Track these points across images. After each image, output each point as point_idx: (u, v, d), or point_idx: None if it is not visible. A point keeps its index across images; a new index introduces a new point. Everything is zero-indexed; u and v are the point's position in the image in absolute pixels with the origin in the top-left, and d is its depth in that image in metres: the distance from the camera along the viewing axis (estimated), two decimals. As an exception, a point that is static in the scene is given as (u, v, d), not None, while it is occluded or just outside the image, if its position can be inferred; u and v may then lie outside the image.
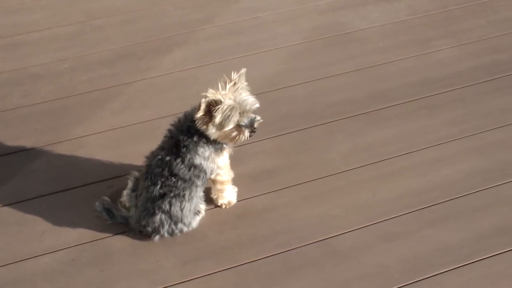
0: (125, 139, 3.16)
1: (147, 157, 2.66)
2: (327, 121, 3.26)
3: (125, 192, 2.72)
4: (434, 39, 3.79)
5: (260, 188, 2.91)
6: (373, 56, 3.67)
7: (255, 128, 2.52)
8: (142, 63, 3.65)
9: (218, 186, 2.76)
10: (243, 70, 2.50)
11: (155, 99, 3.41)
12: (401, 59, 3.65)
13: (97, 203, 2.73)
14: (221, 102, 2.41)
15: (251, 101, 2.48)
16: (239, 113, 2.46)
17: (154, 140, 2.88)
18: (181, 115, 2.61)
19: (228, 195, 2.80)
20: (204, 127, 2.48)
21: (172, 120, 2.64)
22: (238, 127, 2.49)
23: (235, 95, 2.46)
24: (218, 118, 2.43)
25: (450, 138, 3.14)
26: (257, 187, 2.91)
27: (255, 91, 2.56)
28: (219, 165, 2.65)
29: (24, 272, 2.60)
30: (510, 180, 2.92)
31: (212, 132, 2.48)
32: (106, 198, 2.75)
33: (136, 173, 2.73)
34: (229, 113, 2.43)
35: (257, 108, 2.52)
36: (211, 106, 2.42)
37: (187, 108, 3.23)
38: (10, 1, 4.12)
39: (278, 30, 3.89)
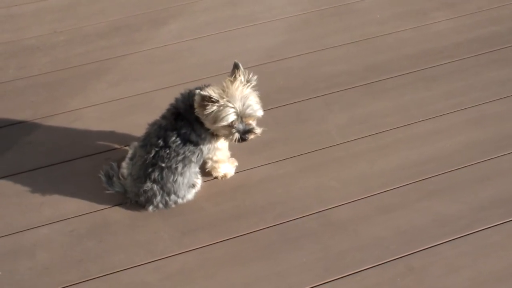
0: (121, 111, 3.15)
1: (150, 124, 2.65)
2: (324, 93, 3.25)
3: (123, 163, 2.72)
4: (432, 11, 3.77)
5: (257, 160, 2.91)
6: (371, 28, 3.65)
7: (246, 137, 2.48)
8: (138, 35, 3.63)
9: (213, 164, 2.76)
10: (255, 77, 2.47)
11: (151, 71, 3.40)
12: (399, 31, 3.63)
13: (104, 167, 2.73)
14: (216, 100, 2.39)
15: (254, 109, 2.45)
16: (237, 116, 2.43)
17: (150, 112, 2.87)
18: (192, 88, 2.56)
19: (224, 168, 2.81)
20: (200, 115, 2.47)
21: (182, 89, 2.60)
22: (230, 127, 2.46)
23: (241, 96, 2.42)
24: (208, 114, 2.41)
25: (448, 110, 3.14)
26: (254, 159, 2.92)
27: (252, 63, 2.55)
28: (216, 146, 2.65)
29: (24, 243, 2.61)
30: (508, 152, 2.93)
31: (206, 122, 2.48)
32: (113, 163, 2.75)
33: (136, 143, 2.72)
34: (221, 113, 2.41)
35: (261, 116, 2.49)
36: (205, 101, 2.40)
37: (183, 80, 3.25)
38: (4, -28, 4.07)
39: (275, 1, 3.86)
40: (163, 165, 2.56)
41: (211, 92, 2.40)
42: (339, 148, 2.97)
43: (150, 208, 2.67)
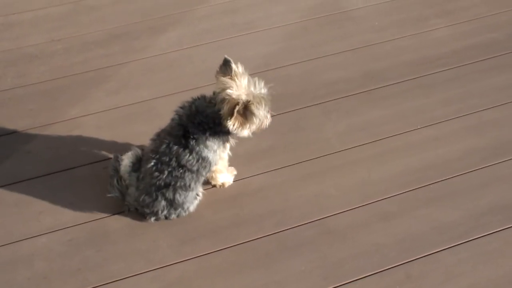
0: (120, 120, 3.15)
1: (153, 140, 2.62)
2: (322, 100, 3.25)
3: (122, 165, 2.70)
4: (429, 18, 3.77)
5: (256, 168, 2.92)
6: (369, 35, 3.66)
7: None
8: (136, 43, 3.63)
9: (212, 173, 2.76)
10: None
11: (150, 79, 3.40)
12: (397, 38, 3.64)
13: (114, 157, 2.74)
14: (252, 103, 2.39)
15: (266, 88, 2.47)
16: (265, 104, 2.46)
17: (149, 120, 2.89)
18: (192, 102, 2.54)
19: (222, 177, 2.81)
20: (240, 128, 2.45)
21: (180, 103, 2.58)
22: (265, 117, 2.50)
23: (251, 87, 2.43)
24: (255, 119, 2.43)
25: (446, 117, 3.14)
26: (252, 167, 2.92)
27: (250, 71, 2.55)
28: (221, 156, 2.65)
29: (22, 252, 2.60)
30: (507, 159, 2.94)
31: (246, 132, 2.48)
32: (119, 156, 2.74)
33: (138, 150, 2.71)
34: (264, 111, 2.45)
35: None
36: (236, 107, 2.38)
37: (183, 88, 3.25)
38: (3, -19, 4.08)
39: (273, 9, 3.86)
40: (177, 184, 2.57)
41: (236, 97, 2.39)
42: (338, 156, 2.97)
43: (152, 219, 2.67)
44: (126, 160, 2.70)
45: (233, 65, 2.44)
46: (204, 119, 2.48)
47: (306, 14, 3.81)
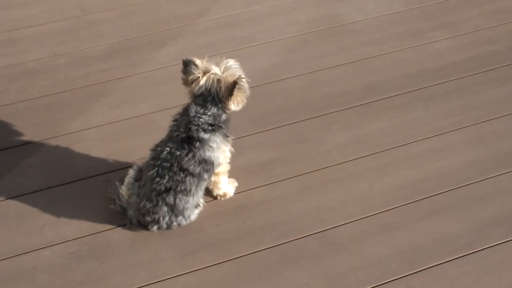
0: (121, 133, 3.16)
1: (152, 150, 2.65)
2: (322, 113, 3.26)
3: (125, 183, 2.72)
4: (429, 31, 3.79)
5: (257, 180, 2.92)
6: (368, 48, 3.68)
7: None
8: (137, 57, 3.65)
9: (214, 178, 2.76)
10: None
11: (151, 93, 3.41)
12: (396, 51, 3.66)
13: (112, 185, 2.76)
14: (241, 78, 2.50)
15: (231, 60, 2.59)
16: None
17: (150, 133, 2.89)
18: (186, 109, 2.60)
19: (224, 186, 2.81)
20: (239, 105, 2.56)
21: (176, 112, 2.64)
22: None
23: (223, 67, 2.55)
24: (246, 91, 2.55)
25: (447, 129, 3.15)
26: (253, 179, 2.92)
27: (250, 84, 2.58)
28: (226, 155, 2.68)
29: (24, 266, 2.60)
30: (508, 171, 2.94)
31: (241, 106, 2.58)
32: (117, 183, 2.76)
33: (139, 163, 2.73)
34: (245, 79, 2.54)
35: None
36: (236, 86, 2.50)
37: (183, 101, 3.24)
38: (5, -3, 4.11)
39: (273, 23, 3.88)
40: (178, 189, 2.58)
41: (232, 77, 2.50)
42: (339, 168, 2.98)
43: (154, 228, 2.67)
44: (129, 174, 2.72)
45: (196, 60, 2.52)
46: (215, 120, 2.55)
47: (305, 27, 3.84)
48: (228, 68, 2.55)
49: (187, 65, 2.54)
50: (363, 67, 3.55)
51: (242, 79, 2.51)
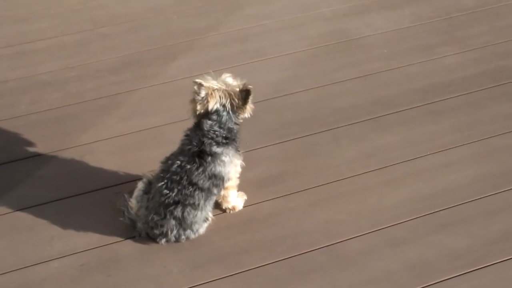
0: (131, 146, 3.18)
1: (162, 162, 2.67)
2: (332, 127, 3.27)
3: (134, 195, 2.73)
4: (438, 46, 3.80)
5: (266, 194, 2.92)
6: (378, 63, 3.69)
7: None
8: (148, 70, 3.67)
9: (223, 192, 2.77)
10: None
11: (161, 106, 3.43)
12: (406, 66, 3.66)
13: (122, 197, 2.77)
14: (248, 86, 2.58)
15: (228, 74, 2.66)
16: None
17: (160, 146, 2.91)
18: (199, 123, 2.62)
19: (233, 200, 2.82)
20: (249, 113, 2.65)
21: (187, 128, 2.66)
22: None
23: (220, 82, 2.61)
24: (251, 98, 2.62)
25: (456, 144, 3.15)
26: (263, 193, 2.93)
27: (260, 98, 2.61)
28: (237, 169, 2.70)
29: (33, 277, 2.61)
30: (517, 186, 2.94)
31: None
32: (126, 196, 2.77)
33: (149, 176, 2.75)
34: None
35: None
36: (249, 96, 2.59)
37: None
38: (18, 10, 4.14)
39: (282, 37, 3.91)
40: (186, 202, 2.59)
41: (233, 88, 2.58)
42: (348, 182, 2.98)
43: (163, 241, 2.67)
44: (138, 186, 2.74)
45: (203, 82, 2.57)
46: (228, 133, 2.58)
47: (315, 42, 3.85)
48: (228, 82, 2.61)
49: (199, 88, 2.56)
50: (373, 82, 3.56)
51: (249, 85, 2.57)
